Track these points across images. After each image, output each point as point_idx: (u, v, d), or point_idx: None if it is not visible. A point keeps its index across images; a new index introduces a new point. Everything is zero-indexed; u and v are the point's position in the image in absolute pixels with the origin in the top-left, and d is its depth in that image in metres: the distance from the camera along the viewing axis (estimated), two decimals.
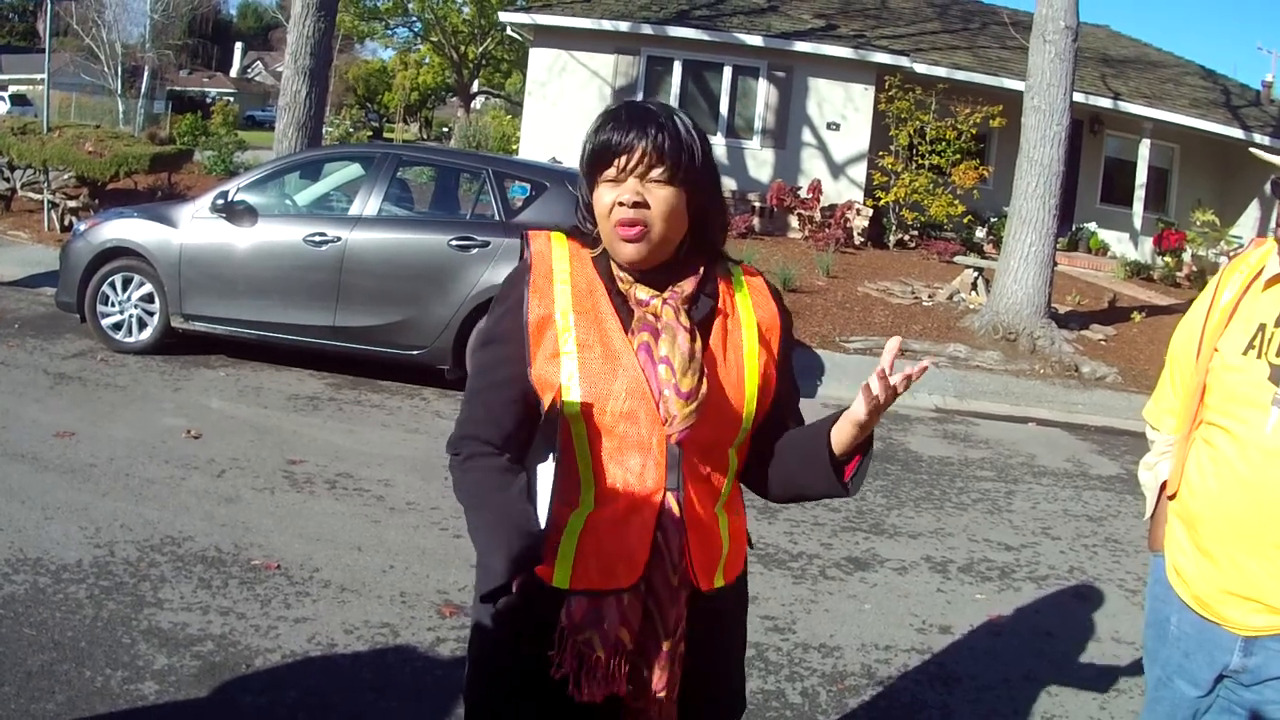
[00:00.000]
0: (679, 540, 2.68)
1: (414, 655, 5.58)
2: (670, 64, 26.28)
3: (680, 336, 2.65)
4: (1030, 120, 17.25)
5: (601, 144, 2.71)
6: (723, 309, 2.78)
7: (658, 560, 2.66)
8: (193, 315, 11.32)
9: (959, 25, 30.84)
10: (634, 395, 2.65)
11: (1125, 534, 8.84)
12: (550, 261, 2.79)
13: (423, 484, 8.32)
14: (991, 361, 15.85)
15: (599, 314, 2.72)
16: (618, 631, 2.64)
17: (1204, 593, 3.07)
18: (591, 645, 2.64)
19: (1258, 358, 2.96)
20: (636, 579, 2.65)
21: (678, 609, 2.68)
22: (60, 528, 6.68)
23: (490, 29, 60.51)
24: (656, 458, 2.67)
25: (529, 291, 2.75)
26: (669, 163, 2.64)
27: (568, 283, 2.75)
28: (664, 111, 2.72)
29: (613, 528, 2.68)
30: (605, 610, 2.65)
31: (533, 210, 11.15)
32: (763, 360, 2.79)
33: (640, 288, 2.72)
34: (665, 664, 2.68)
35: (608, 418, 2.66)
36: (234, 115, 55.39)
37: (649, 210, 2.64)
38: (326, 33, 18.91)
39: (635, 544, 2.66)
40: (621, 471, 2.69)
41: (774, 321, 2.87)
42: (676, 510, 2.68)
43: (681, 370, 2.62)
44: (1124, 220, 28.13)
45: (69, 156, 18.49)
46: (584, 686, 2.64)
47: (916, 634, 6.49)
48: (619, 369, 2.66)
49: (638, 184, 2.65)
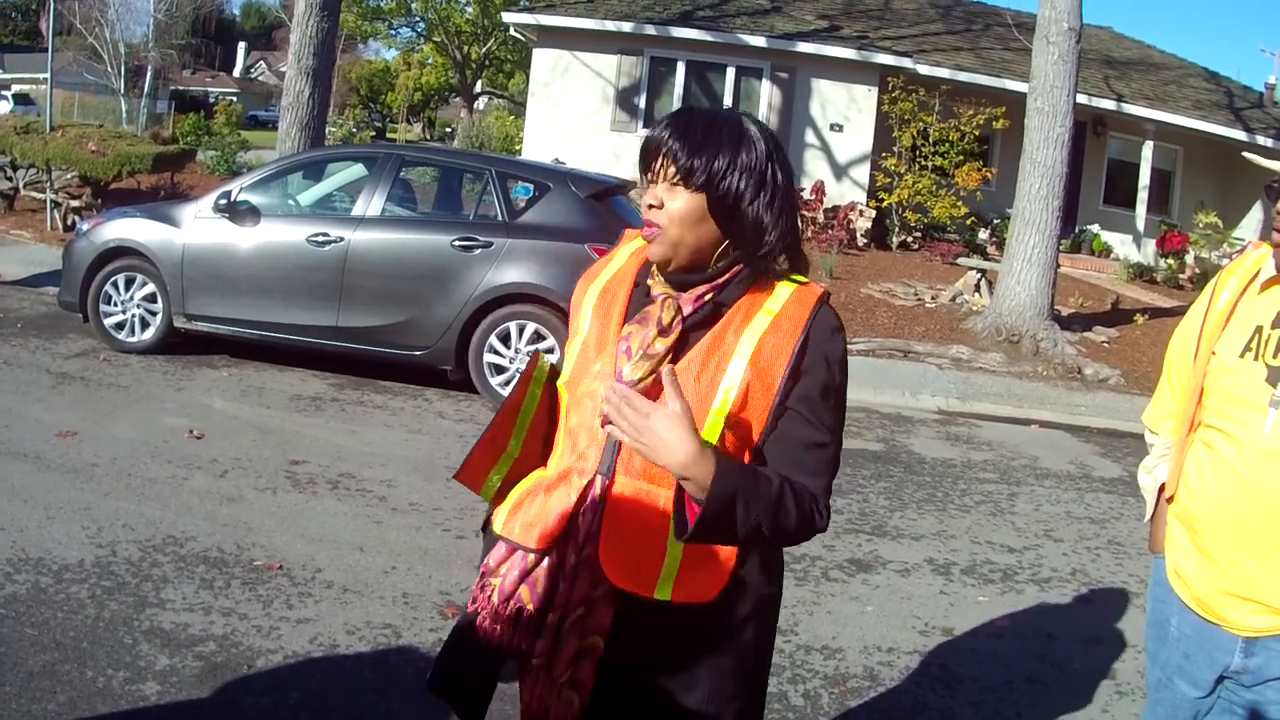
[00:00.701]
0: (592, 524, 2.71)
1: (416, 656, 5.58)
2: (674, 65, 26.29)
3: (649, 331, 2.67)
4: (1033, 122, 17.24)
5: (641, 148, 2.79)
6: (726, 320, 2.71)
7: (569, 536, 2.74)
8: (195, 315, 11.32)
9: (962, 26, 30.86)
10: (600, 378, 2.72)
11: (1128, 536, 8.84)
12: (612, 256, 2.98)
13: (425, 485, 8.33)
14: (994, 363, 15.84)
15: (611, 304, 2.83)
16: (515, 585, 2.77)
17: (1204, 594, 3.07)
18: (490, 589, 2.81)
19: (1255, 360, 2.97)
20: (547, 545, 2.75)
21: (572, 590, 2.72)
22: (62, 527, 6.68)
23: (493, 29, 60.55)
24: (596, 440, 2.73)
25: (583, 277, 2.98)
26: (681, 169, 2.66)
27: (610, 274, 2.92)
28: (705, 119, 2.74)
29: (545, 493, 2.80)
30: (514, 562, 2.79)
31: (535, 211, 11.15)
32: (744, 379, 2.65)
33: (659, 284, 2.76)
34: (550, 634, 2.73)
35: (578, 395, 2.78)
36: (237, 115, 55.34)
37: (663, 212, 2.68)
38: (330, 33, 18.92)
39: (554, 514, 2.75)
40: (570, 444, 2.81)
41: (785, 351, 2.66)
42: (598, 495, 2.72)
43: (634, 361, 2.66)
44: (1127, 222, 28.15)
45: (72, 156, 18.49)
46: (485, 626, 2.80)
47: (919, 636, 6.49)
48: (601, 354, 2.77)
49: (662, 187, 2.70)
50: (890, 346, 15.89)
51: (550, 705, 2.74)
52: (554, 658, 2.72)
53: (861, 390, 12.96)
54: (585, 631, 2.70)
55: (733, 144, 2.68)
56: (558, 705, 2.73)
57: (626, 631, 2.70)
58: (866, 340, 16.11)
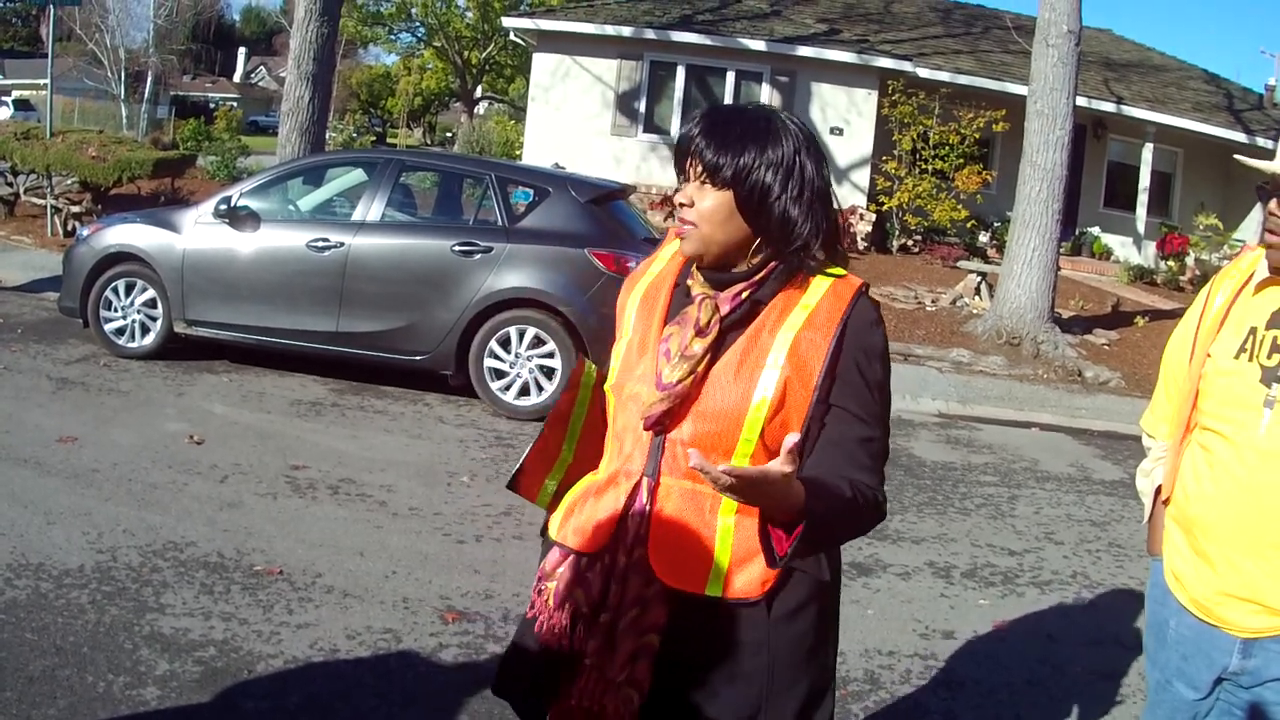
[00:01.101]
0: (641, 526, 2.75)
1: (417, 660, 5.59)
2: (673, 69, 26.31)
3: (687, 332, 2.70)
4: (1033, 125, 17.26)
5: (677, 144, 2.81)
6: (765, 319, 2.73)
7: (619, 538, 2.77)
8: (195, 320, 11.32)
9: (962, 30, 30.88)
10: (643, 380, 2.76)
11: (1128, 539, 8.84)
12: (655, 257, 3.03)
13: (425, 489, 8.34)
14: (995, 366, 15.86)
15: (653, 306, 2.89)
16: (570, 588, 2.82)
17: (1202, 595, 3.07)
18: (546, 594, 2.84)
19: (1249, 361, 2.98)
20: (598, 549, 2.81)
21: (624, 590, 2.76)
22: (63, 533, 6.68)
23: (494, 34, 60.56)
24: (640, 443, 2.79)
25: (627, 280, 3.05)
26: (708, 167, 2.68)
27: (652, 276, 2.97)
28: (729, 115, 2.76)
29: (594, 496, 2.87)
30: (566, 566, 2.85)
31: (536, 216, 11.16)
32: (782, 375, 2.67)
33: (698, 284, 2.81)
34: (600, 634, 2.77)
35: (624, 398, 2.83)
36: (237, 120, 55.50)
37: (693, 210, 2.71)
38: (330, 38, 18.94)
39: (604, 517, 2.81)
40: (618, 448, 2.87)
41: (822, 345, 2.69)
42: (644, 497, 2.76)
43: (674, 362, 2.69)
44: (1127, 224, 28.16)
45: (72, 161, 18.49)
46: (543, 630, 2.84)
47: (920, 639, 6.49)
48: (643, 356, 2.80)
49: (693, 185, 2.72)
50: (891, 350, 15.87)
51: (606, 704, 2.77)
52: (608, 658, 2.76)
53: None
54: (641, 630, 2.75)
55: (759, 140, 2.69)
56: (615, 703, 2.76)
57: (680, 629, 2.75)
58: None
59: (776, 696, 2.77)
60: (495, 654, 5.70)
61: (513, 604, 6.37)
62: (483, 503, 8.15)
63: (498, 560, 7.05)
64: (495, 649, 5.77)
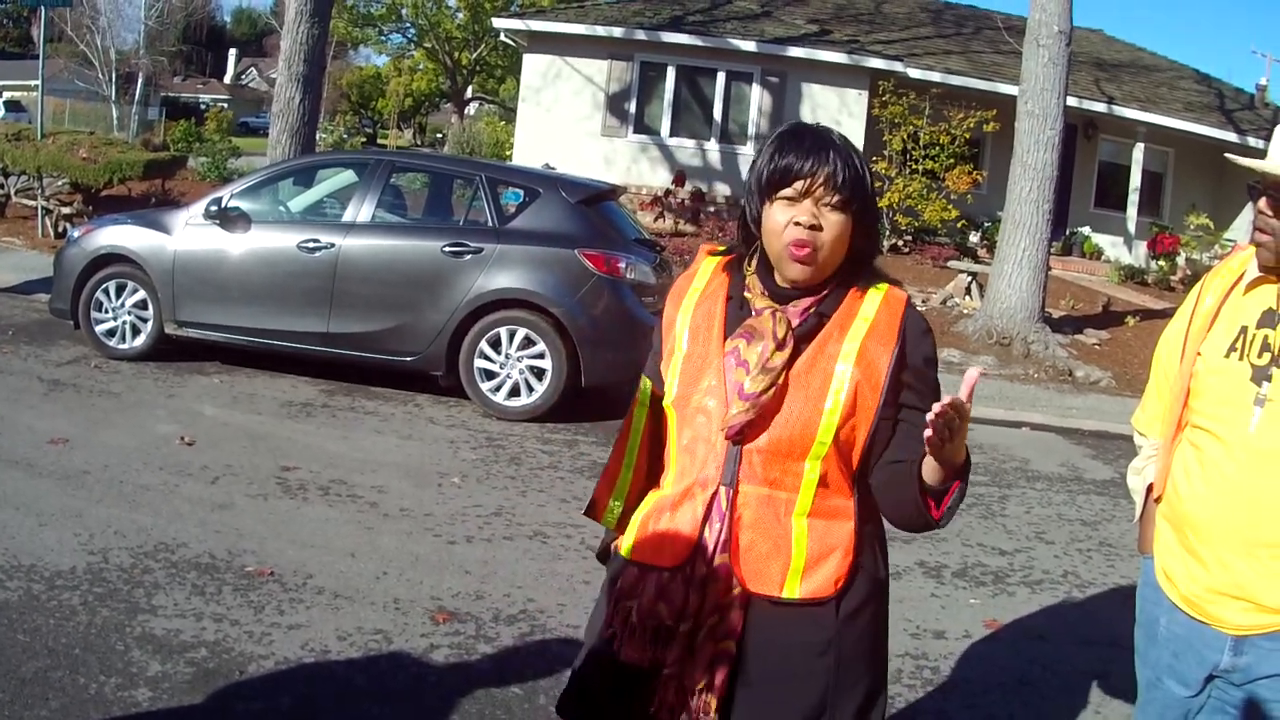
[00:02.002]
0: (724, 534, 2.79)
1: (408, 661, 5.59)
2: (664, 69, 26.32)
3: (765, 344, 2.79)
4: (1024, 125, 17.26)
5: (784, 167, 2.77)
6: (830, 328, 2.84)
7: (700, 549, 2.81)
8: (186, 322, 11.31)
9: (952, 30, 30.90)
10: (711, 393, 2.83)
11: (1119, 538, 8.85)
12: (696, 270, 3.06)
13: (416, 490, 8.33)
14: (985, 366, 15.85)
15: (709, 319, 2.93)
16: (653, 605, 2.85)
17: (1193, 593, 3.09)
18: (629, 612, 2.86)
19: (1240, 359, 3.00)
20: (680, 562, 2.84)
21: (706, 599, 2.80)
22: (54, 534, 6.68)
23: (484, 35, 60.36)
24: (716, 454, 2.83)
25: (670, 296, 3.06)
26: (847, 192, 2.74)
27: (699, 290, 3.00)
28: (840, 140, 2.82)
29: (670, 511, 2.90)
30: (647, 583, 2.88)
31: (526, 216, 11.16)
32: (853, 381, 2.80)
33: (762, 299, 2.88)
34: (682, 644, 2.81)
35: (689, 412, 2.88)
36: (228, 122, 55.45)
37: (821, 234, 2.75)
38: (320, 39, 18.93)
39: (683, 530, 2.86)
40: (689, 461, 2.89)
41: (884, 358, 2.85)
42: (724, 506, 2.80)
43: (754, 374, 2.77)
44: (1118, 224, 28.19)
45: (63, 163, 18.46)
46: (625, 648, 2.86)
47: (911, 639, 6.49)
48: (707, 370, 2.86)
49: (814, 207, 2.74)
50: None
51: (684, 711, 2.85)
52: (688, 665, 2.83)
53: None
54: (720, 637, 2.82)
55: (863, 163, 2.82)
56: (695, 708, 2.83)
57: (755, 632, 2.81)
58: None
59: (840, 694, 2.85)
60: (486, 654, 5.72)
61: (504, 604, 6.38)
62: (473, 503, 8.15)
63: (489, 561, 7.05)
64: (486, 649, 5.77)
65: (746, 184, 2.91)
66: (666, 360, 2.98)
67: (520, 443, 9.96)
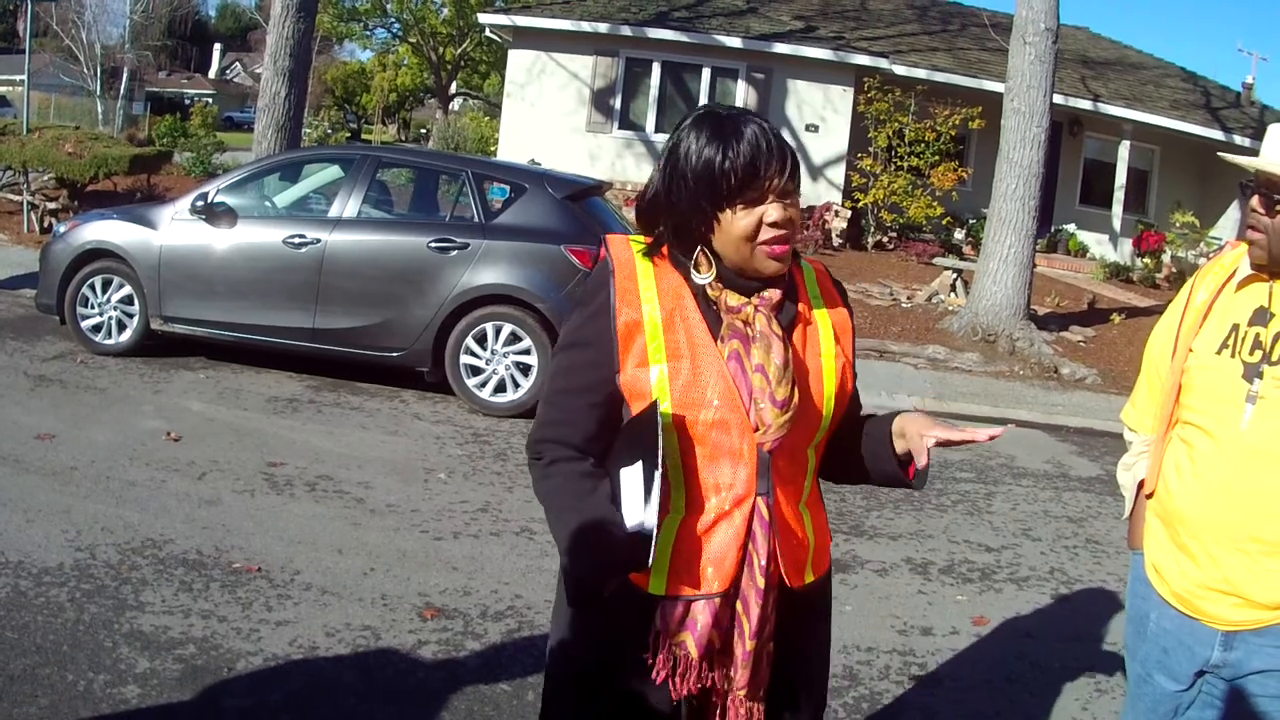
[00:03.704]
0: (769, 544, 2.72)
1: (396, 657, 5.59)
2: (649, 65, 26.32)
3: (775, 346, 2.69)
4: (1010, 122, 17.27)
5: (749, 170, 2.64)
6: (804, 314, 2.83)
7: (747, 566, 2.71)
8: (172, 317, 11.30)
9: (938, 27, 30.93)
10: (725, 405, 2.67)
11: (1106, 535, 8.87)
12: (633, 265, 2.79)
13: (402, 486, 8.33)
14: (970, 363, 15.88)
15: (688, 322, 2.73)
16: (710, 634, 2.70)
17: (1183, 589, 3.11)
18: (685, 647, 2.70)
19: (1231, 356, 3.03)
20: (728, 585, 2.70)
21: (763, 611, 2.72)
22: (41, 530, 6.67)
23: (469, 30, 60.47)
24: (748, 465, 2.70)
25: (615, 296, 2.74)
26: (798, 179, 2.71)
27: (654, 288, 2.76)
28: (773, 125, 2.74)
29: (704, 535, 2.72)
30: (698, 615, 2.70)
31: (512, 212, 11.16)
32: (840, 364, 2.84)
33: (730, 294, 2.73)
34: (748, 663, 2.72)
35: (699, 427, 2.69)
36: (213, 116, 55.39)
37: (790, 226, 2.69)
38: (306, 34, 18.89)
39: (726, 550, 2.70)
40: (713, 479, 2.72)
41: (846, 323, 2.93)
42: (766, 515, 2.72)
43: (777, 379, 2.67)
44: (1103, 222, 28.26)
45: (48, 158, 18.43)
46: (679, 688, 2.72)
47: (898, 635, 6.51)
48: (710, 378, 2.68)
49: (780, 202, 2.67)
50: (866, 347, 15.91)
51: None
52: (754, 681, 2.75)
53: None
54: (765, 640, 2.77)
55: None
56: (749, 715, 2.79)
57: (782, 623, 2.80)
58: None
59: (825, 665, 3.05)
60: (474, 650, 5.72)
61: (491, 600, 6.38)
62: (460, 499, 8.15)
63: (475, 557, 7.05)
64: (474, 645, 5.78)
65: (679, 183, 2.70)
66: (637, 368, 2.72)
67: (506, 439, 9.96)
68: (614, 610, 2.72)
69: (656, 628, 2.72)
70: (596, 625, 2.79)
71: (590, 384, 2.77)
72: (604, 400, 2.77)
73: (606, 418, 2.78)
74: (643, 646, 2.73)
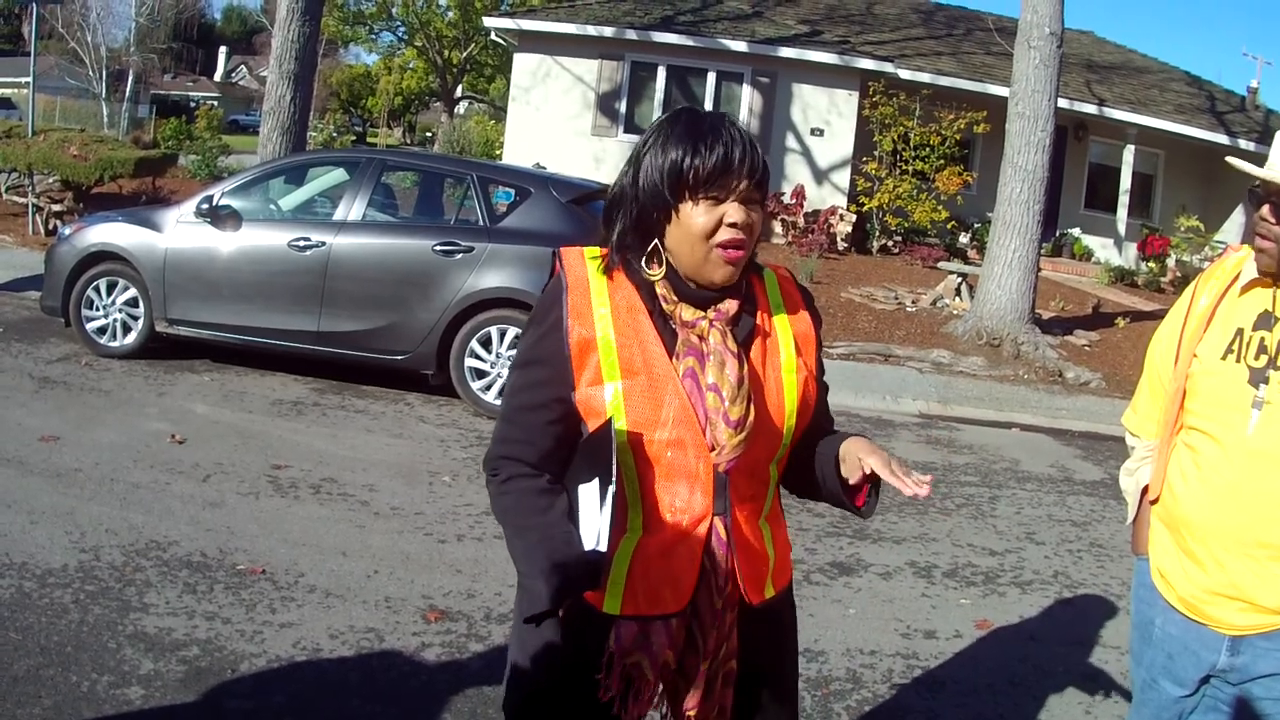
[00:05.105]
0: (726, 564, 2.69)
1: (399, 660, 5.59)
2: (654, 69, 26.29)
3: (729, 363, 2.63)
4: (1014, 126, 17.26)
5: (715, 165, 2.59)
6: (762, 326, 2.76)
7: (704, 585, 2.67)
8: (177, 320, 11.31)
9: (943, 31, 30.91)
10: (681, 424, 2.62)
11: (1109, 539, 8.86)
12: (587, 281, 2.73)
13: (407, 489, 8.33)
14: (975, 367, 15.88)
15: (642, 338, 2.67)
16: (665, 655, 2.66)
17: (1189, 594, 3.10)
18: (641, 669, 2.66)
19: (1236, 361, 3.02)
20: (684, 605, 2.66)
21: (720, 632, 2.69)
22: (45, 532, 6.68)
23: (474, 34, 60.46)
24: (704, 485, 2.66)
25: (568, 314, 2.68)
26: (764, 186, 2.65)
27: (607, 304, 2.69)
28: (743, 126, 2.69)
29: (660, 555, 2.67)
30: (653, 635, 2.66)
31: (517, 216, 11.16)
32: (801, 377, 2.77)
33: (685, 308, 2.67)
34: (702, 683, 2.69)
35: (654, 446, 2.64)
36: (218, 120, 55.44)
37: (749, 233, 2.63)
38: (311, 37, 18.92)
39: (682, 571, 2.66)
40: (669, 498, 2.67)
41: (810, 333, 2.87)
42: (723, 534, 2.68)
43: (731, 398, 2.61)
44: (1108, 226, 28.23)
45: (54, 160, 18.47)
46: (630, 708, 2.68)
47: (901, 639, 6.51)
48: (665, 397, 2.63)
49: (741, 204, 2.61)
50: (871, 350, 15.92)
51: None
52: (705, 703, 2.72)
53: (842, 394, 12.96)
54: (727, 658, 2.73)
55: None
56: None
57: (745, 641, 2.77)
58: (847, 344, 16.13)
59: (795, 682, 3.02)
60: (477, 653, 5.72)
61: (495, 603, 6.38)
62: (464, 502, 8.15)
63: (480, 560, 7.05)
64: (478, 648, 5.78)
65: (647, 170, 2.66)
66: (591, 386, 2.66)
67: None
68: (569, 630, 2.71)
69: (610, 648, 2.68)
70: (551, 645, 2.74)
71: (545, 401, 2.72)
72: (560, 417, 2.72)
73: (563, 434, 2.73)
74: (597, 667, 2.68)
